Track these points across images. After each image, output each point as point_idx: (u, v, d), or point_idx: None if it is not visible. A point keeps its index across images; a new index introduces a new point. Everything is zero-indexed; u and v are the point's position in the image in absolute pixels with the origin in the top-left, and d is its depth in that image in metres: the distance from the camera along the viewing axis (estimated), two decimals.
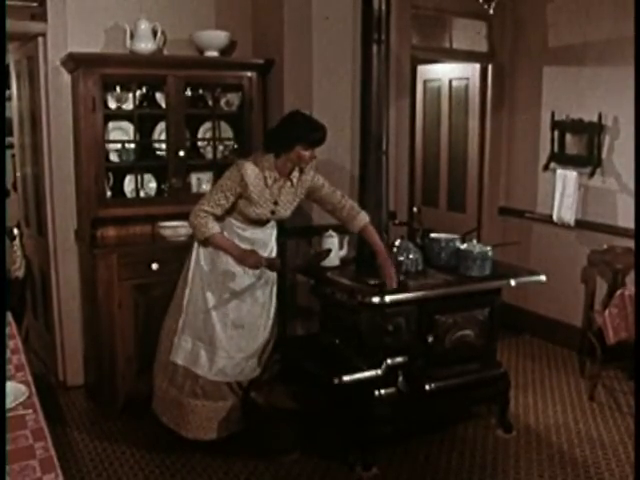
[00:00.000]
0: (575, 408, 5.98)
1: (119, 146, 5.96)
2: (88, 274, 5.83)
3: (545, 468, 4.99)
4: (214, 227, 4.86)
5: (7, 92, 7.40)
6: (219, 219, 4.95)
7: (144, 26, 5.94)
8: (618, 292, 5.77)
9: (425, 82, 8.78)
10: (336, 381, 4.85)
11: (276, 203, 4.99)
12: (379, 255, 5.04)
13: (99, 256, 5.57)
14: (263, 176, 4.88)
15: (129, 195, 6.05)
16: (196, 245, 5.08)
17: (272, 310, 5.29)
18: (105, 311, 5.58)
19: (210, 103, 6.26)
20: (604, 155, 6.78)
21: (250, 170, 4.84)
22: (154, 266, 5.67)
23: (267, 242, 5.18)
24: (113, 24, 6.01)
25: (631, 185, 6.50)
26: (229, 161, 5.91)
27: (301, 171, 5.05)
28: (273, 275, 5.23)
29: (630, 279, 6.38)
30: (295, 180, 5.05)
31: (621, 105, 6.55)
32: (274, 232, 5.26)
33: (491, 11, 6.15)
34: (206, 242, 4.92)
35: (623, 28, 6.42)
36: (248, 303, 5.13)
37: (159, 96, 6.07)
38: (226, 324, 5.05)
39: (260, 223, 5.07)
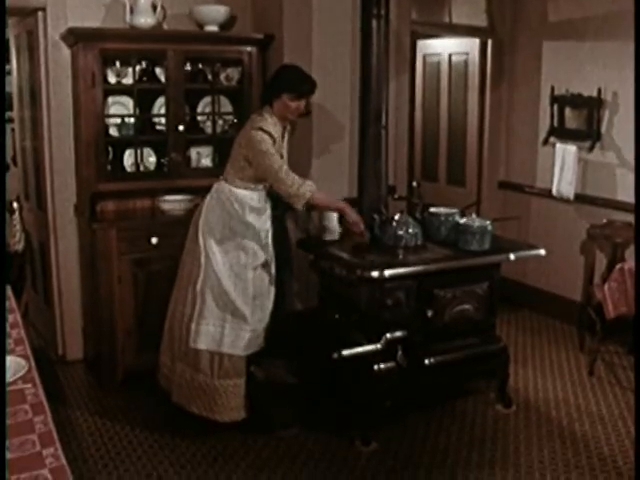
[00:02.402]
0: (575, 383, 5.99)
1: (119, 120, 5.95)
2: (87, 248, 5.84)
3: (544, 443, 5.01)
4: (310, 184, 4.90)
5: (7, 66, 7.37)
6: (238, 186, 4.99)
7: (144, 0, 5.90)
8: (617, 266, 5.77)
9: (425, 57, 8.76)
10: (335, 356, 4.85)
11: (282, 157, 5.04)
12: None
13: (99, 230, 5.57)
14: (274, 130, 4.94)
15: (129, 169, 6.05)
16: (202, 224, 5.02)
17: (272, 274, 5.30)
18: (105, 285, 5.59)
19: (210, 78, 6.24)
20: (603, 129, 6.77)
21: (271, 127, 4.91)
22: (153, 240, 5.66)
23: (268, 210, 5.22)
24: None
25: (630, 159, 6.49)
26: (228, 136, 5.91)
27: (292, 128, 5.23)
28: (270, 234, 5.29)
29: (629, 253, 6.38)
30: (286, 133, 5.24)
31: (620, 80, 6.53)
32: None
33: None
34: (311, 203, 4.96)
35: (622, 2, 6.38)
36: (262, 271, 5.15)
37: (159, 71, 6.05)
38: (247, 296, 5.02)
39: (264, 185, 5.05)
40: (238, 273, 5.00)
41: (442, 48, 8.48)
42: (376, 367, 4.97)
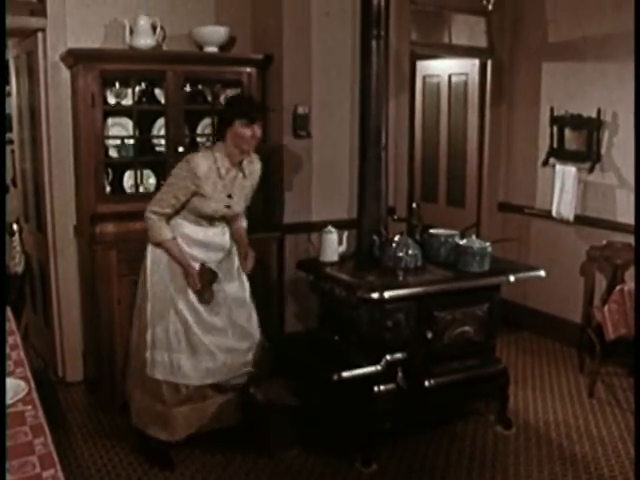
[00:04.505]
0: (574, 404, 5.98)
1: (118, 142, 5.95)
2: (87, 270, 5.83)
3: (544, 464, 4.99)
4: (167, 233, 4.78)
5: (6, 88, 7.39)
6: (170, 219, 4.84)
7: (143, 22, 5.93)
8: (617, 288, 5.77)
9: (424, 77, 8.78)
10: (335, 377, 4.86)
11: (230, 196, 4.87)
12: (240, 243, 5.17)
13: (98, 252, 5.57)
14: (216, 167, 4.76)
15: (128, 191, 6.04)
16: (150, 248, 4.92)
17: (247, 301, 5.18)
18: (104, 307, 5.58)
19: (209, 99, 6.25)
20: (603, 150, 6.78)
21: (202, 163, 4.71)
22: None
23: (224, 245, 5.03)
24: (112, 19, 6.00)
25: (630, 180, 6.50)
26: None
27: (247, 155, 4.94)
28: (235, 265, 5.13)
29: (629, 275, 6.38)
30: (247, 171, 4.98)
31: (620, 101, 6.55)
32: (226, 229, 5.06)
33: (490, 7, 6.14)
34: (158, 246, 4.82)
35: (622, 24, 6.41)
36: (219, 300, 5.00)
37: (158, 92, 6.06)
38: (203, 326, 4.91)
39: (212, 223, 4.92)
40: (187, 301, 4.88)
41: (442, 69, 8.49)
42: (376, 389, 4.96)
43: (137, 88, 5.95)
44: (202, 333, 4.89)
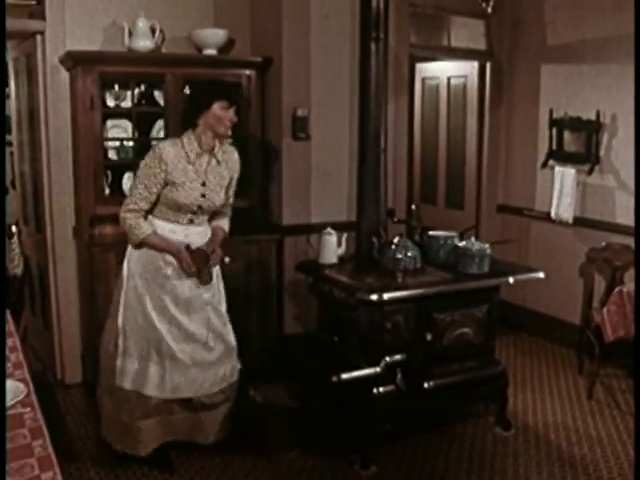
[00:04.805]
0: (573, 406, 5.98)
1: (117, 144, 5.96)
2: (86, 272, 5.83)
3: (543, 466, 5.00)
4: (147, 228, 4.61)
5: (5, 90, 7.38)
6: (146, 216, 4.68)
7: (142, 24, 5.93)
8: (616, 289, 5.77)
9: (423, 80, 8.77)
10: (334, 379, 4.86)
11: (204, 184, 4.66)
12: (212, 239, 4.87)
13: (97, 254, 5.58)
14: (184, 152, 4.59)
15: (127, 193, 6.03)
16: (128, 253, 4.78)
17: (223, 312, 4.95)
18: (103, 309, 5.55)
19: None
20: (602, 152, 6.78)
21: (169, 147, 4.57)
22: None
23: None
24: (111, 22, 6.01)
25: (629, 182, 6.50)
26: None
27: (221, 140, 4.81)
28: (215, 271, 4.88)
29: (628, 276, 6.38)
30: (220, 157, 4.78)
31: (619, 103, 6.56)
32: (208, 231, 4.88)
33: (489, 9, 6.15)
34: (142, 245, 4.65)
35: (621, 25, 6.41)
36: (196, 308, 4.76)
37: (157, 94, 6.07)
38: (175, 335, 4.70)
39: (192, 220, 4.72)
40: (162, 309, 4.70)
41: (441, 71, 8.49)
42: (375, 390, 4.96)
43: (136, 90, 5.97)
44: (176, 343, 4.69)
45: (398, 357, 5.03)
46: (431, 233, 5.63)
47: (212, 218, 4.91)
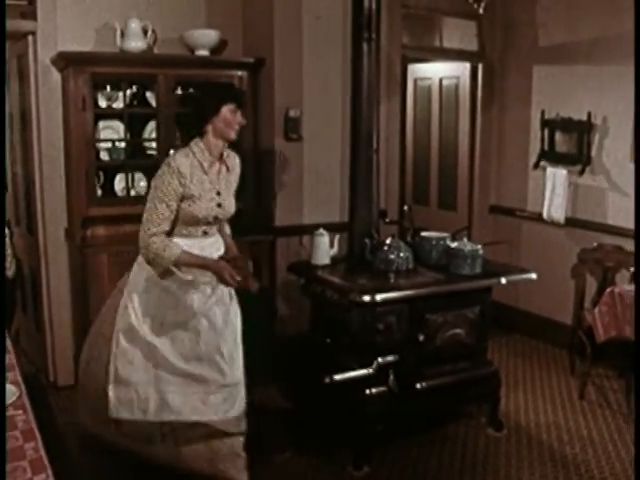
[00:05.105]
0: (565, 406, 5.99)
1: (109, 145, 5.95)
2: (78, 273, 5.82)
3: (536, 466, 5.00)
4: (176, 248, 4.30)
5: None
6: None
7: (134, 25, 5.93)
8: (608, 290, 5.77)
9: (416, 81, 8.79)
10: (327, 380, 4.85)
11: (219, 194, 4.47)
12: (229, 251, 4.72)
13: (89, 255, 5.57)
14: (198, 162, 4.36)
15: (120, 194, 6.04)
16: (136, 277, 4.54)
17: (237, 335, 4.57)
18: (96, 311, 5.52)
19: None
20: (593, 153, 6.79)
21: (184, 160, 4.32)
22: None
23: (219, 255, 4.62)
24: (103, 23, 6.00)
25: (620, 183, 6.53)
26: None
27: (229, 147, 4.56)
28: (229, 290, 4.57)
29: (620, 277, 6.40)
30: (229, 163, 4.60)
31: (610, 104, 6.57)
32: (220, 240, 4.71)
33: (481, 11, 6.16)
34: (171, 269, 4.35)
35: (612, 27, 6.44)
36: (204, 328, 4.44)
37: (149, 95, 6.06)
38: (175, 357, 4.39)
39: (205, 232, 4.51)
40: (162, 326, 4.45)
41: (433, 72, 8.51)
42: (368, 391, 4.96)
43: (128, 91, 5.96)
44: (174, 361, 4.38)
45: (390, 358, 5.03)
46: (423, 234, 5.63)
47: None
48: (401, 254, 5.31)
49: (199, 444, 4.46)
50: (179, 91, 6.11)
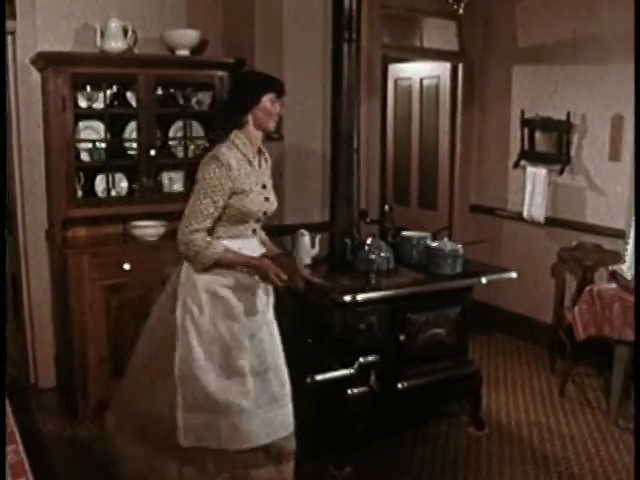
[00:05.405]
0: (546, 404, 6.02)
1: (90, 145, 5.92)
2: (59, 275, 5.80)
3: (517, 464, 5.03)
4: (219, 245, 4.05)
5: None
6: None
7: (114, 25, 5.90)
8: (587, 288, 5.80)
9: (396, 81, 8.80)
10: (309, 380, 4.85)
11: (265, 187, 4.28)
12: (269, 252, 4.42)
13: (70, 256, 5.54)
14: (243, 155, 4.13)
15: (100, 195, 6.01)
16: (181, 289, 4.17)
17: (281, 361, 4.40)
18: (77, 312, 5.54)
19: (181, 102, 6.24)
20: (573, 153, 6.83)
21: (230, 154, 4.06)
22: (126, 266, 5.63)
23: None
24: (83, 23, 5.99)
25: (599, 182, 6.58)
26: (200, 160, 5.89)
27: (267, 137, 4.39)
28: (264, 298, 4.41)
29: (599, 276, 6.44)
30: (267, 155, 4.45)
31: (589, 104, 6.61)
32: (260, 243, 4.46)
33: (461, 11, 6.17)
34: (214, 266, 4.06)
35: (591, 27, 6.48)
36: (266, 335, 4.34)
37: (130, 95, 6.04)
38: (245, 374, 4.14)
39: (247, 231, 4.25)
40: (230, 344, 4.16)
41: (413, 72, 8.52)
42: (349, 391, 4.97)
43: (108, 91, 5.92)
44: (245, 380, 4.15)
45: (372, 358, 5.04)
46: (404, 234, 5.64)
47: None
48: (382, 254, 5.32)
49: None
50: (159, 91, 6.10)
